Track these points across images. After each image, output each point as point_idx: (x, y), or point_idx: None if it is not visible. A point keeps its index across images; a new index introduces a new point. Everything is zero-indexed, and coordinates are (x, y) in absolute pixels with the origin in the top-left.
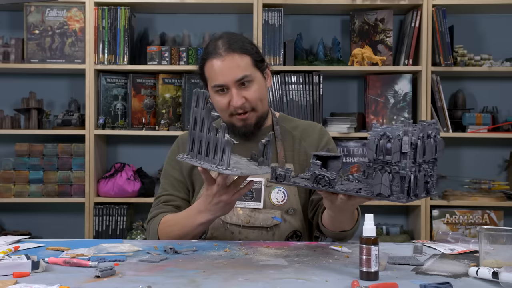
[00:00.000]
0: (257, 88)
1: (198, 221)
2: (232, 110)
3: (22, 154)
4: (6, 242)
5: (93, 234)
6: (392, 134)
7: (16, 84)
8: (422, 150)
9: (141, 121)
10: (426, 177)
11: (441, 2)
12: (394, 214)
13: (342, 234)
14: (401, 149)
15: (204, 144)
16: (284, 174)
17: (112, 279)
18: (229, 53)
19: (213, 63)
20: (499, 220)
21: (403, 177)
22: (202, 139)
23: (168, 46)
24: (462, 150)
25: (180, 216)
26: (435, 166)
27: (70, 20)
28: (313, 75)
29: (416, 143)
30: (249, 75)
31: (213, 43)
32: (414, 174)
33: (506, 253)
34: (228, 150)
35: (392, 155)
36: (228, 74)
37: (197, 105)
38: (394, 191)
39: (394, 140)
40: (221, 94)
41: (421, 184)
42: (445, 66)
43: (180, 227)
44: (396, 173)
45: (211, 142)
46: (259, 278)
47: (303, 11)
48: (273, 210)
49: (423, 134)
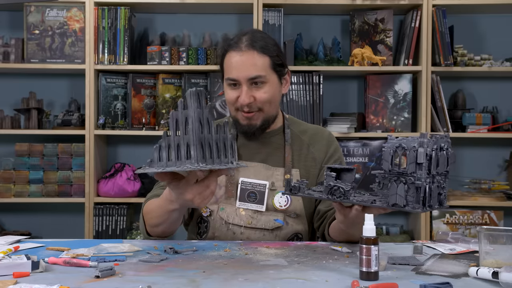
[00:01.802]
0: (269, 90)
1: (169, 209)
2: (238, 105)
3: (22, 154)
4: (6, 242)
5: (93, 234)
6: (408, 146)
7: (16, 84)
8: (436, 161)
9: (141, 121)
10: (439, 189)
11: (441, 2)
12: (394, 214)
13: (346, 241)
14: (416, 160)
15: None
16: (298, 186)
17: (112, 279)
18: (249, 50)
19: (231, 56)
20: (499, 220)
21: (418, 188)
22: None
23: (168, 46)
24: (462, 150)
25: (155, 204)
26: (447, 179)
27: (70, 20)
28: (313, 75)
29: (431, 154)
30: (263, 76)
31: (238, 37)
32: (428, 184)
33: (506, 253)
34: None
35: (408, 166)
36: (243, 71)
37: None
38: (409, 201)
39: (410, 152)
40: (232, 87)
41: (435, 195)
42: (445, 66)
43: (157, 215)
44: (411, 183)
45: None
46: (259, 278)
47: (303, 11)
48: (275, 213)
49: (437, 146)
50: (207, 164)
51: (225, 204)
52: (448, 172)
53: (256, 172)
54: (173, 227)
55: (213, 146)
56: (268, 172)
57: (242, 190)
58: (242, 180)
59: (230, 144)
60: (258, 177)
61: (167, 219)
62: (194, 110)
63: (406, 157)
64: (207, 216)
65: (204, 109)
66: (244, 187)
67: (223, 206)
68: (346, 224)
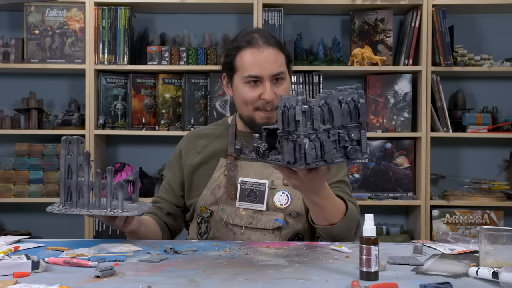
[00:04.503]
0: (287, 86)
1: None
2: (259, 104)
3: (22, 154)
4: (6, 242)
5: (93, 234)
6: (290, 104)
7: (16, 84)
8: (327, 116)
9: (141, 121)
10: (342, 142)
11: (441, 2)
12: (394, 214)
13: (333, 231)
14: (294, 118)
15: (86, 191)
16: (240, 148)
17: (112, 279)
18: (268, 46)
19: (249, 53)
20: (499, 220)
21: (299, 144)
22: (83, 186)
23: (168, 46)
24: (462, 150)
25: None
26: (361, 130)
27: (70, 20)
28: (313, 75)
29: (313, 110)
30: (284, 72)
31: (248, 35)
32: (314, 140)
33: (506, 253)
34: (121, 193)
35: (289, 124)
36: (266, 67)
37: (70, 153)
38: (297, 158)
39: (290, 110)
40: (252, 85)
41: (330, 149)
42: (445, 66)
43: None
44: (293, 141)
45: (96, 187)
46: (259, 278)
47: (303, 11)
48: (275, 212)
49: (326, 101)
50: (75, 207)
51: (225, 204)
52: (361, 123)
53: (256, 171)
54: (151, 235)
55: (83, 191)
56: (267, 171)
57: (242, 190)
58: (241, 179)
59: (110, 191)
60: (258, 176)
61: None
62: (64, 157)
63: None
64: (207, 216)
65: (77, 156)
66: (244, 187)
67: (223, 206)
68: (306, 197)
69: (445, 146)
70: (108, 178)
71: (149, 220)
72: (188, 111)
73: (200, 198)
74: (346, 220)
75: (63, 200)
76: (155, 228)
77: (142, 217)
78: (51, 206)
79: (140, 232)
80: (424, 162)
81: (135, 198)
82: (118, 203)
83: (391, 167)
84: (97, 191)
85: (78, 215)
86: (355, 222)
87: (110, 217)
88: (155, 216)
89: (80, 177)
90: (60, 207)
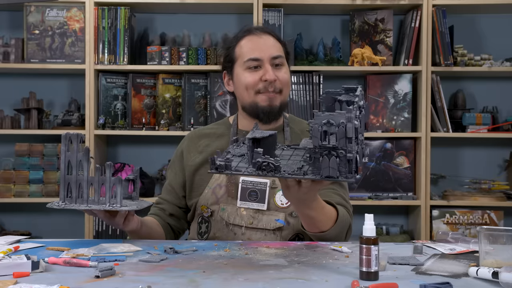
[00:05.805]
0: (287, 71)
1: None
2: (260, 86)
3: (22, 154)
4: (6, 242)
5: (93, 234)
6: (336, 122)
7: (16, 84)
8: (359, 128)
9: (141, 121)
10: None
11: (441, 2)
12: (394, 214)
13: (325, 237)
14: (346, 135)
15: (85, 187)
16: (224, 164)
17: (112, 279)
18: (266, 33)
19: (249, 40)
20: (499, 220)
21: (350, 160)
22: (82, 182)
23: (168, 46)
24: (462, 150)
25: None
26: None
27: (70, 20)
28: (313, 75)
29: (357, 127)
30: (282, 57)
31: (247, 28)
32: (357, 153)
33: (506, 253)
34: (120, 188)
35: (338, 141)
36: (266, 50)
37: (70, 149)
38: (341, 172)
39: (339, 128)
40: (253, 70)
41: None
42: (445, 66)
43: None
44: (343, 156)
45: (95, 183)
46: (259, 278)
47: (303, 11)
48: (277, 212)
49: (360, 112)
50: (74, 203)
51: (226, 204)
52: (365, 124)
53: None
54: (154, 235)
55: (82, 186)
56: None
57: (243, 189)
58: (242, 179)
59: (109, 186)
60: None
61: (139, 235)
62: (65, 153)
63: (336, 133)
64: (208, 216)
65: (76, 152)
66: (244, 186)
67: (224, 206)
68: (297, 206)
69: (445, 146)
70: (107, 173)
71: (151, 221)
72: (188, 111)
73: (201, 198)
74: (337, 227)
75: (63, 196)
76: (158, 229)
77: (145, 218)
78: (51, 202)
79: (142, 232)
80: (424, 162)
81: (135, 197)
82: (116, 198)
83: (391, 167)
84: (96, 187)
85: (77, 210)
86: (346, 226)
87: (110, 215)
88: (157, 217)
89: (79, 173)
90: (60, 203)
